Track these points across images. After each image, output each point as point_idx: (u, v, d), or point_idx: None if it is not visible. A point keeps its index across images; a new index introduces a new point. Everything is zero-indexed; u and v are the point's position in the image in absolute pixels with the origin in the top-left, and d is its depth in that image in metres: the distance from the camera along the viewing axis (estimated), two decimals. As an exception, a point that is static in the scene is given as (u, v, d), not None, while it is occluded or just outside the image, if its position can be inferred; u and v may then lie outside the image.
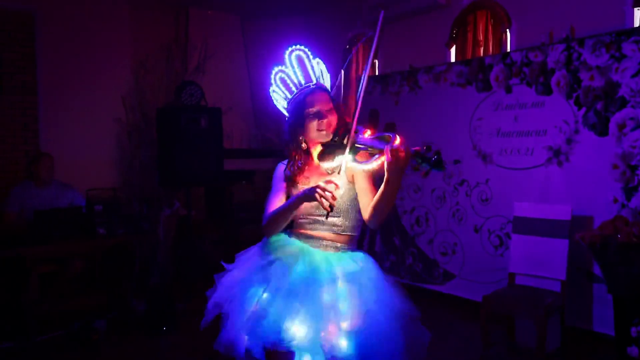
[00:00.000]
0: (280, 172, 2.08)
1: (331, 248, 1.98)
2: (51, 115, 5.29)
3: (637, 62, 3.47)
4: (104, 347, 3.74)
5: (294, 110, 2.02)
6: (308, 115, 1.96)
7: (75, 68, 5.48)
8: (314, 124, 1.96)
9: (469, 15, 4.92)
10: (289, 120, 2.03)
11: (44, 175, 4.39)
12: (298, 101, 2.00)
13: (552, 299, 3.28)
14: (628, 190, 3.50)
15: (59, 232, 3.97)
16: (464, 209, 4.46)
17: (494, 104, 4.27)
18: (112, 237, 4.15)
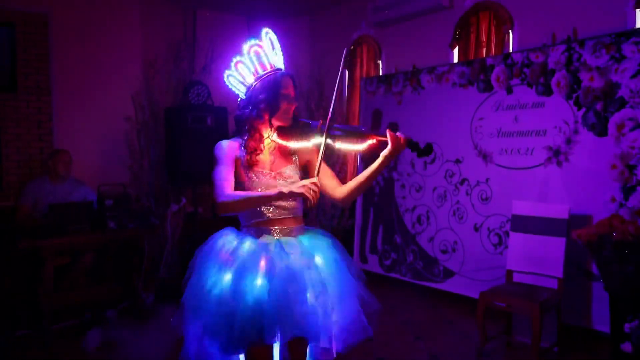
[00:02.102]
0: (228, 147, 2.05)
1: (293, 231, 2.06)
2: (64, 114, 5.42)
3: (636, 63, 3.51)
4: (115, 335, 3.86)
5: (267, 88, 2.02)
6: (282, 96, 2.02)
7: (88, 68, 5.61)
8: (284, 106, 2.02)
9: (471, 17, 4.96)
10: (261, 95, 2.02)
11: (61, 170, 4.50)
12: (274, 80, 2.02)
13: (548, 296, 3.33)
14: (626, 190, 3.54)
15: (71, 225, 4.08)
16: (465, 208, 4.51)
17: (495, 104, 4.32)
18: (122, 231, 4.25)
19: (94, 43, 5.63)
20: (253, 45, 2.07)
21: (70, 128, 5.45)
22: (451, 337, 3.85)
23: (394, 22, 5.62)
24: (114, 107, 5.69)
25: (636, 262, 3.15)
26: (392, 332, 3.86)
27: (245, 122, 2.05)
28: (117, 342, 3.65)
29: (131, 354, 3.49)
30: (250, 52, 2.06)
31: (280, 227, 2.04)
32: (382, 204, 5.30)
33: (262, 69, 2.05)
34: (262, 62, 2.06)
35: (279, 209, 2.04)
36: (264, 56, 2.06)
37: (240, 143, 2.06)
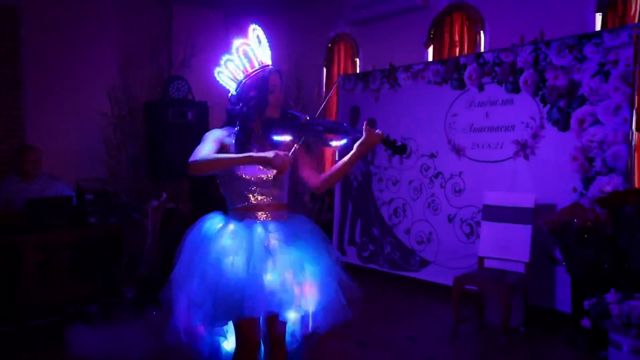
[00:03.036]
0: (218, 134, 2.16)
1: (276, 216, 2.18)
2: (37, 109, 5.34)
3: (596, 63, 3.79)
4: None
5: (257, 84, 2.13)
6: (271, 92, 2.14)
7: (61, 62, 5.52)
8: (272, 101, 2.15)
9: (445, 17, 5.20)
10: (251, 92, 2.14)
11: (29, 168, 4.38)
12: (263, 77, 2.14)
13: (515, 279, 3.59)
14: (586, 180, 3.82)
15: (51, 220, 4.07)
16: (439, 200, 4.75)
17: (467, 101, 4.56)
18: (103, 226, 4.27)
19: (67, 36, 5.56)
20: (241, 43, 2.16)
21: (43, 123, 5.37)
22: (427, 322, 4.08)
23: (370, 21, 5.81)
24: (90, 102, 5.62)
25: (595, 246, 3.43)
26: (371, 318, 4.04)
27: (236, 117, 2.17)
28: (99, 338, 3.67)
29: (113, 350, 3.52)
30: (239, 50, 2.17)
31: (264, 212, 2.17)
32: (360, 197, 5.50)
33: (251, 66, 2.16)
34: (250, 59, 2.16)
35: (263, 195, 2.17)
36: (252, 54, 2.16)
37: (230, 133, 2.18)
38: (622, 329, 3.03)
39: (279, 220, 2.20)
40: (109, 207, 4.44)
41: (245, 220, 2.14)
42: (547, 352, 3.50)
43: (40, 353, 3.51)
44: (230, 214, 2.22)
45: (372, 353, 3.42)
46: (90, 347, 3.39)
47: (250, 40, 2.18)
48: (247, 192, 2.15)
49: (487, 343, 3.67)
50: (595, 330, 3.27)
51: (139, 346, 3.37)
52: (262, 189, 2.16)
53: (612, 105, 3.71)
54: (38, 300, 3.96)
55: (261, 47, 2.19)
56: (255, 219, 2.15)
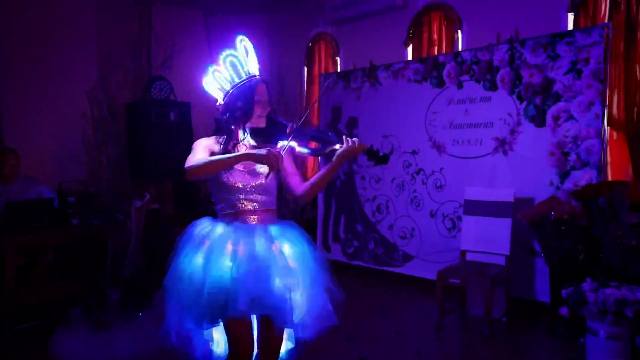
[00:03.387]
0: (206, 142, 2.20)
1: (263, 222, 2.21)
2: (15, 111, 5.28)
3: (569, 61, 3.93)
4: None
5: (243, 95, 2.18)
6: (257, 102, 2.18)
7: (40, 63, 5.47)
8: (258, 110, 2.19)
9: (424, 17, 5.31)
10: (238, 103, 2.18)
11: (7, 172, 4.37)
12: (249, 87, 2.18)
13: (497, 271, 3.71)
14: (562, 174, 3.96)
15: (32, 222, 4.04)
16: (421, 196, 4.86)
17: (447, 98, 4.67)
18: (86, 227, 4.26)
19: (46, 38, 5.52)
20: (228, 55, 2.20)
21: (22, 125, 5.32)
22: (413, 315, 4.18)
23: (351, 20, 5.89)
24: (69, 103, 5.59)
25: (571, 237, 3.58)
26: (358, 313, 4.13)
27: (224, 126, 2.22)
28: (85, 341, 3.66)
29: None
30: (226, 61, 2.20)
31: (253, 218, 2.21)
32: (343, 195, 5.58)
33: (238, 77, 2.20)
34: (237, 70, 2.20)
35: (252, 201, 2.20)
36: (239, 65, 2.20)
37: (216, 141, 2.22)
38: (599, 316, 3.17)
39: (268, 225, 2.23)
40: (91, 208, 4.42)
41: (234, 225, 2.17)
42: (528, 341, 3.63)
43: (24, 357, 3.49)
44: (220, 220, 2.24)
45: (361, 347, 3.51)
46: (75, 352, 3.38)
47: (238, 51, 2.21)
48: (236, 198, 2.19)
49: (471, 334, 3.79)
50: (573, 318, 3.41)
51: (126, 349, 3.39)
52: (250, 195, 2.20)
53: (585, 102, 3.85)
54: (21, 303, 3.93)
55: (248, 57, 2.21)
56: (244, 224, 2.19)
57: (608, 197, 3.46)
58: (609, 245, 3.46)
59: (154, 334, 2.23)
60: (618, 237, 3.44)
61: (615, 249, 3.44)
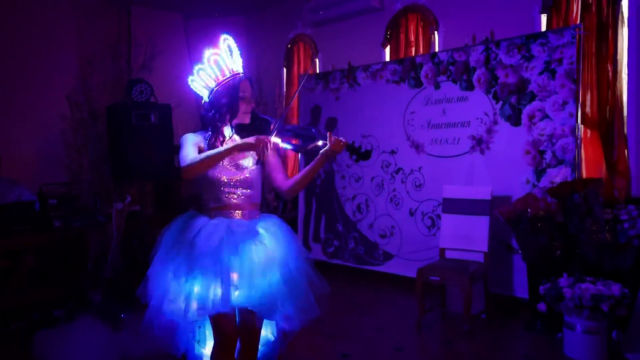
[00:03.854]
0: (192, 137, 2.26)
1: (247, 215, 2.28)
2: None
3: (543, 61, 4.02)
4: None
5: (228, 92, 2.24)
6: (241, 98, 2.25)
7: (18, 66, 5.44)
8: (242, 107, 2.26)
9: (401, 18, 5.36)
10: (222, 100, 2.24)
11: None
12: (233, 85, 2.24)
13: (476, 268, 3.77)
14: (538, 172, 4.04)
15: (13, 225, 4.03)
16: (400, 195, 4.90)
17: (424, 99, 4.73)
18: (68, 230, 4.25)
19: (23, 40, 5.48)
20: (212, 53, 2.26)
21: (1, 127, 5.27)
22: (393, 313, 4.22)
23: (329, 22, 5.93)
24: (49, 106, 5.58)
25: (547, 234, 3.65)
26: (339, 312, 4.16)
27: (209, 123, 2.27)
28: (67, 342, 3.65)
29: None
30: (210, 60, 2.26)
31: (237, 212, 2.26)
32: (323, 194, 5.60)
33: (222, 74, 2.26)
34: (221, 68, 2.26)
35: (236, 195, 2.25)
36: (223, 63, 2.25)
37: (203, 137, 2.27)
38: (575, 311, 3.25)
39: (252, 219, 2.29)
40: (73, 210, 4.40)
41: (218, 218, 2.22)
42: (507, 336, 3.69)
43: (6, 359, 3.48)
44: (205, 213, 2.28)
45: (342, 345, 3.53)
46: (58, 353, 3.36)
47: (221, 49, 2.26)
48: (221, 192, 2.24)
49: (450, 330, 3.84)
50: (551, 313, 3.48)
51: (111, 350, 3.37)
52: (235, 189, 2.24)
53: (559, 101, 3.94)
54: (2, 306, 3.93)
55: (232, 56, 2.27)
56: (229, 217, 2.23)
57: (582, 194, 3.54)
58: (585, 241, 3.54)
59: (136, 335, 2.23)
60: (593, 232, 3.52)
61: (591, 244, 3.52)
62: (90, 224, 4.41)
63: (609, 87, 4.08)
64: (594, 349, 3.22)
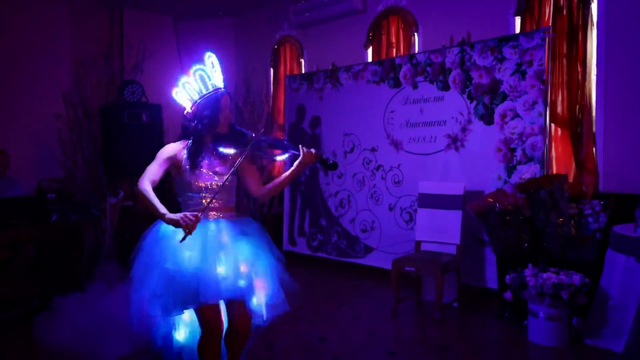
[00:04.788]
0: (170, 151, 2.45)
1: (223, 216, 2.47)
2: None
3: (514, 63, 4.21)
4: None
5: (210, 105, 2.44)
6: (222, 111, 2.45)
7: (14, 67, 5.64)
8: (222, 119, 2.46)
9: (382, 20, 5.55)
10: (205, 112, 2.44)
11: None
12: (215, 98, 2.45)
13: (448, 259, 3.96)
14: (509, 169, 4.24)
15: (13, 219, 4.25)
16: (380, 191, 5.09)
17: (403, 98, 4.92)
18: (65, 223, 4.46)
19: (21, 42, 5.68)
20: (198, 69, 2.48)
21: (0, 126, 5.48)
22: (370, 302, 4.41)
23: (314, 24, 6.11)
24: (44, 105, 5.78)
25: (515, 227, 3.84)
26: (320, 301, 4.35)
27: (191, 132, 2.47)
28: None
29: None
30: (196, 75, 2.48)
31: (215, 213, 2.46)
32: (308, 190, 5.79)
33: (205, 88, 2.47)
34: (205, 83, 2.47)
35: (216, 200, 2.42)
36: (207, 78, 2.47)
37: (184, 146, 2.47)
38: (538, 298, 3.44)
39: (229, 220, 2.47)
40: (70, 205, 4.61)
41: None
42: (476, 324, 3.88)
43: (8, 344, 3.69)
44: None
45: (320, 330, 3.71)
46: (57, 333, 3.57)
47: (206, 65, 2.48)
48: (199, 196, 2.42)
49: (423, 318, 4.03)
50: (517, 302, 3.67)
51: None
52: (212, 194, 2.41)
53: (529, 101, 4.13)
54: (3, 294, 4.14)
55: (214, 71, 2.48)
56: (207, 218, 2.41)
57: (548, 190, 3.73)
58: (550, 234, 3.74)
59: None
60: (558, 226, 3.72)
61: (556, 237, 3.71)
62: (86, 218, 4.63)
63: (578, 87, 4.26)
64: (555, 334, 3.41)
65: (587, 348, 3.35)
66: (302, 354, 3.33)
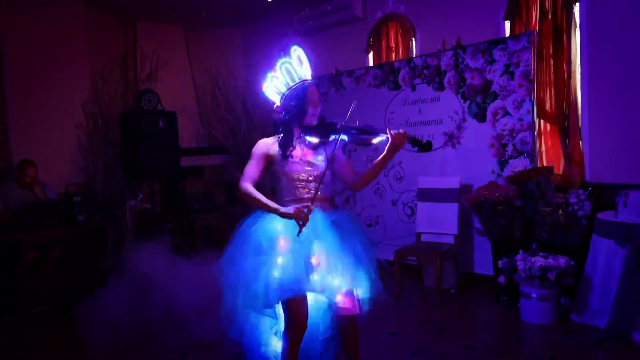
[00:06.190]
0: (263, 147, 2.46)
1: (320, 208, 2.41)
2: (19, 123, 5.80)
3: (503, 64, 4.52)
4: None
5: (297, 96, 2.43)
6: (309, 102, 2.44)
7: (39, 81, 5.99)
8: (310, 109, 2.45)
9: (382, 26, 5.88)
10: (293, 103, 2.44)
11: (26, 181, 4.97)
12: (303, 89, 2.44)
13: (446, 249, 4.28)
14: (502, 163, 4.55)
15: (44, 220, 4.63)
16: (384, 187, 5.42)
17: (402, 100, 5.25)
18: (89, 223, 4.85)
19: (44, 56, 6.06)
20: (284, 62, 2.51)
21: (26, 136, 5.84)
22: (376, 291, 4.73)
23: (317, 31, 6.45)
24: (66, 115, 6.17)
25: (507, 216, 4.15)
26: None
27: (280, 124, 2.49)
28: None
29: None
30: (282, 68, 2.50)
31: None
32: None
33: (292, 81, 2.48)
34: (291, 75, 2.49)
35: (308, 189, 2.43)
36: (293, 70, 2.49)
37: (276, 140, 2.49)
38: (528, 281, 3.75)
39: (325, 211, 2.43)
40: (94, 207, 5.00)
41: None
42: (474, 307, 4.20)
43: (41, 336, 4.03)
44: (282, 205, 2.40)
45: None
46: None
47: (292, 58, 2.50)
48: (294, 187, 2.44)
49: (424, 303, 4.36)
50: (509, 285, 3.98)
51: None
52: (307, 184, 2.43)
53: (517, 99, 4.44)
54: (35, 290, 4.50)
55: (301, 64, 2.50)
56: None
57: (536, 181, 4.04)
58: (539, 222, 4.04)
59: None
60: (545, 214, 4.02)
61: (544, 224, 4.02)
62: (109, 219, 4.99)
63: (564, 85, 4.55)
64: (545, 313, 3.72)
65: (574, 325, 3.66)
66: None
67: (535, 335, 3.58)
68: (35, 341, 3.92)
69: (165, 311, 3.79)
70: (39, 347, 3.80)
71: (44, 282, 4.66)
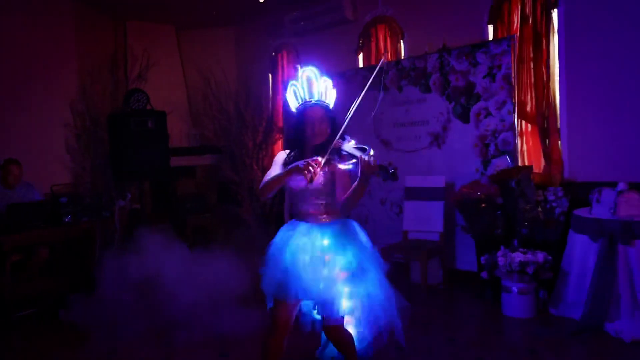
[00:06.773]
0: (281, 157, 2.58)
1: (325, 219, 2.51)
2: (4, 122, 5.70)
3: (486, 67, 4.68)
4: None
5: (297, 117, 2.55)
6: (306, 124, 2.51)
7: (26, 80, 5.90)
8: (308, 129, 2.51)
9: (371, 28, 6.02)
10: (293, 124, 2.58)
11: (10, 181, 4.93)
12: (300, 111, 2.54)
13: (432, 246, 4.45)
14: (485, 162, 4.72)
15: (29, 222, 4.60)
16: (372, 186, 5.56)
17: (390, 100, 5.39)
18: (77, 225, 4.85)
19: (31, 55, 5.96)
20: (291, 85, 2.58)
21: (11, 135, 5.73)
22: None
23: (308, 32, 6.57)
24: (53, 115, 6.05)
25: (489, 214, 4.32)
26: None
27: (287, 142, 2.80)
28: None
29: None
30: (291, 89, 2.58)
31: (316, 217, 2.50)
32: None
33: (297, 102, 2.57)
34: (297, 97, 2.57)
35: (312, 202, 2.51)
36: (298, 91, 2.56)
37: (287, 154, 2.61)
38: (508, 275, 3.92)
39: (332, 223, 2.50)
40: (81, 207, 5.00)
41: (302, 223, 2.50)
42: (459, 302, 4.37)
43: (23, 340, 3.99)
44: (296, 219, 2.58)
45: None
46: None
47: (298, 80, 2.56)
48: (299, 200, 2.54)
49: (411, 299, 4.46)
50: (493, 280, 4.15)
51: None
52: (310, 197, 2.50)
53: (499, 101, 4.61)
54: (20, 293, 4.43)
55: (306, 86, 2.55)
56: (310, 222, 2.49)
57: (516, 179, 4.21)
58: (519, 219, 4.22)
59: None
60: (525, 211, 4.20)
61: (524, 221, 4.19)
62: (96, 219, 5.01)
63: (544, 87, 4.70)
64: (524, 307, 3.89)
65: (552, 317, 3.83)
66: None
67: (515, 327, 3.74)
68: (18, 345, 3.89)
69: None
70: (22, 351, 3.77)
71: (29, 284, 4.59)
